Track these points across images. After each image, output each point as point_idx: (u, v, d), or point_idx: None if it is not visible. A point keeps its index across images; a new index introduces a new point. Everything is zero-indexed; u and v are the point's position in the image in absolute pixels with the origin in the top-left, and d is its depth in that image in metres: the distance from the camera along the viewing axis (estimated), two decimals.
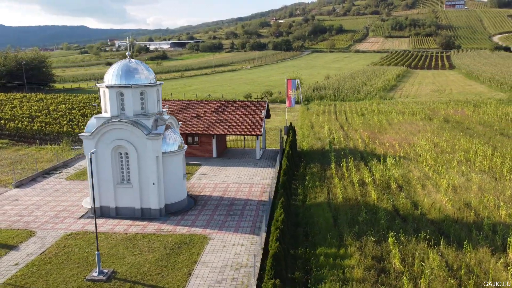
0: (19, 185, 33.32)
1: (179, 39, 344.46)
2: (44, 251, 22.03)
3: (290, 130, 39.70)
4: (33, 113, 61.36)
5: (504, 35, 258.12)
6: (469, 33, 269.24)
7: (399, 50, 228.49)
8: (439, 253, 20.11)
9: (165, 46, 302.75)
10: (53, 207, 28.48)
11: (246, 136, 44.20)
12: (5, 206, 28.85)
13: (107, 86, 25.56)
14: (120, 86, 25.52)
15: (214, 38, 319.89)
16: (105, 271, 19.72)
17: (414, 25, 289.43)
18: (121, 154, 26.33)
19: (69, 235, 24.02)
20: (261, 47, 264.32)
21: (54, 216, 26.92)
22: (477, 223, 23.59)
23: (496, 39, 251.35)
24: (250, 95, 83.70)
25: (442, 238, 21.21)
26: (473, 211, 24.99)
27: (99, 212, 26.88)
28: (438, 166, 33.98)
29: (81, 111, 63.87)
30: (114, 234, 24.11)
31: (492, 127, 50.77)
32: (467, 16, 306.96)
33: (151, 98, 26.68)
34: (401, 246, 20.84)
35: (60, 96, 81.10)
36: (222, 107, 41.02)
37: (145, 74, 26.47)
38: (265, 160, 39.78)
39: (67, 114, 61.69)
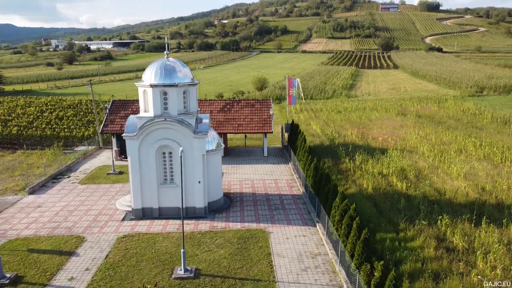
0: (32, 191, 31.63)
1: (120, 39, 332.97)
2: (107, 255, 21.55)
3: (294, 127, 41.04)
4: (1, 117, 57.31)
5: (434, 37, 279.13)
6: (404, 34, 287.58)
7: (342, 50, 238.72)
8: (486, 232, 22.51)
9: (107, 46, 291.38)
10: (86, 211, 27.56)
11: (247, 134, 44.94)
12: (32, 213, 27.42)
13: (151, 86, 25.28)
14: (164, 85, 25.36)
15: (159, 38, 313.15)
16: (189, 268, 19.84)
17: (354, 26, 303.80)
18: (164, 153, 26.17)
19: (123, 237, 23.57)
20: (209, 47, 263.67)
21: (93, 220, 26.13)
22: (500, 204, 26.52)
23: (428, 40, 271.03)
24: (221, 95, 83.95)
25: (484, 218, 23.70)
26: (493, 194, 27.98)
27: (141, 214, 26.52)
28: (441, 156, 37.13)
29: (53, 114, 60.73)
30: (170, 233, 24.04)
31: (461, 121, 55.74)
32: (401, 19, 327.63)
33: (192, 96, 26.77)
34: (450, 228, 23.00)
35: (20, 98, 76.08)
36: (228, 106, 41.50)
37: (185, 73, 26.50)
38: (272, 157, 40.85)
39: (41, 117, 58.37)
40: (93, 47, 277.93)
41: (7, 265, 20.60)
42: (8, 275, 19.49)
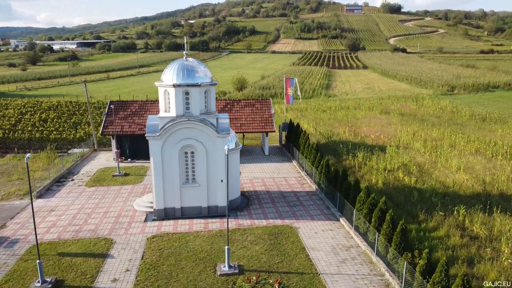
0: (40, 195, 30.77)
1: (84, 39, 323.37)
2: (143, 256, 21.50)
3: (293, 126, 41.91)
4: None
5: (398, 38, 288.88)
6: (369, 35, 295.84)
7: (311, 51, 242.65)
8: (502, 220, 24.15)
9: (70, 46, 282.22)
10: (104, 214, 27.19)
11: (245, 134, 45.37)
12: (48, 217, 26.78)
13: (174, 85, 25.31)
14: (187, 85, 25.46)
15: (125, 38, 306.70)
16: (232, 265, 20.17)
17: (321, 27, 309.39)
18: (186, 153, 26.26)
19: (152, 238, 23.53)
20: (178, 47, 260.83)
21: (115, 222, 25.85)
22: (504, 195, 28.42)
23: (391, 41, 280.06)
24: None
25: (495, 208, 25.37)
26: (495, 186, 29.89)
27: (163, 214, 26.48)
28: (435, 152, 39.05)
29: (35, 116, 58.71)
30: (199, 232, 24.21)
31: (442, 118, 58.57)
32: (365, 21, 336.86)
33: (212, 96, 26.99)
34: (467, 217, 24.50)
35: None
36: (229, 106, 41.80)
37: (206, 72, 26.69)
38: (273, 156, 41.50)
39: (23, 120, 56.31)
40: (56, 47, 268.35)
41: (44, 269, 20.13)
42: (48, 280, 19.13)
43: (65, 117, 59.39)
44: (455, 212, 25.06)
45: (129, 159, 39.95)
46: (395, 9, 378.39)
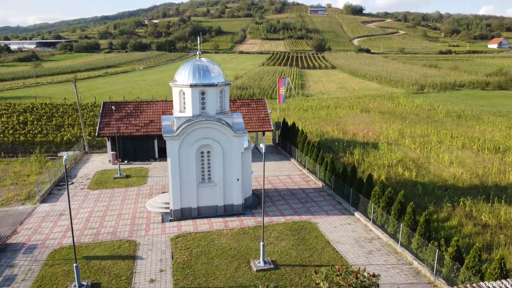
0: (43, 200, 29.87)
1: (43, 38, 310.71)
2: (172, 256, 21.51)
3: (289, 125, 42.71)
4: None
5: (361, 38, 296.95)
6: (333, 36, 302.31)
7: (278, 51, 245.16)
8: (506, 209, 25.91)
9: (29, 45, 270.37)
10: (118, 216, 26.85)
11: None
12: (59, 221, 26.12)
13: (191, 85, 25.37)
14: (204, 85, 25.59)
15: (87, 37, 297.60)
16: (267, 260, 20.59)
17: (287, 28, 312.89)
18: (202, 153, 26.37)
19: (176, 238, 23.53)
20: (143, 47, 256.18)
21: (132, 224, 25.61)
22: (498, 186, 30.40)
23: (355, 42, 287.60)
24: None
25: (496, 198, 27.16)
26: (489, 177, 31.89)
27: (180, 214, 26.47)
28: (426, 147, 40.97)
29: (11, 119, 56.30)
30: (221, 231, 24.43)
31: (420, 116, 61.22)
32: (329, 22, 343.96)
33: (226, 96, 27.24)
34: (474, 208, 26.10)
35: None
36: None
37: (220, 72, 26.91)
38: (270, 154, 42.08)
39: (1, 123, 53.90)
40: (13, 47, 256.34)
41: (72, 274, 19.77)
42: (84, 283, 18.81)
43: (45, 120, 57.34)
44: (461, 203, 26.63)
45: (126, 161, 39.32)
46: (357, 11, 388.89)
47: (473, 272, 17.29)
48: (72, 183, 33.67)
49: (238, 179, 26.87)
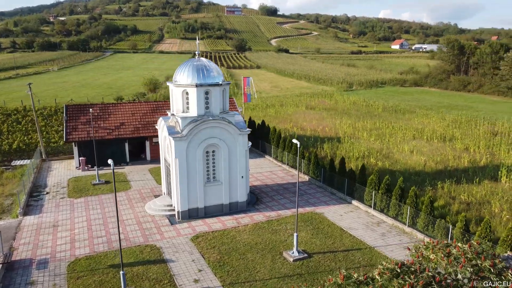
0: (25, 212, 27.46)
1: None
2: (203, 255, 21.50)
3: (258, 124, 43.79)
4: None
5: (278, 39, 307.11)
6: (251, 36, 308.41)
7: (200, 51, 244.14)
8: (476, 188, 29.81)
9: None
10: (121, 222, 25.80)
11: None
12: (58, 233, 24.38)
13: (196, 85, 25.28)
14: (208, 85, 25.66)
15: None
16: (299, 250, 21.55)
17: (205, 28, 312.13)
18: (207, 152, 26.42)
19: (196, 238, 23.46)
20: (53, 47, 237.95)
21: (140, 229, 24.87)
22: (458, 169, 34.69)
23: (273, 42, 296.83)
24: (121, 98, 79.59)
25: (464, 180, 31.06)
26: (448, 163, 36.14)
27: (187, 215, 26.25)
28: (384, 140, 44.79)
29: None
30: (237, 228, 24.81)
31: (360, 111, 66.15)
32: (246, 22, 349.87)
33: (227, 95, 27.54)
34: (453, 189, 29.62)
35: None
36: None
37: (220, 72, 27.13)
38: None
39: None
40: None
41: (107, 284, 18.89)
42: None
43: None
44: (439, 186, 30.07)
45: (95, 167, 37.24)
46: (272, 12, 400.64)
47: (486, 241, 20.08)
48: (47, 193, 31.23)
49: (242, 177, 27.37)
